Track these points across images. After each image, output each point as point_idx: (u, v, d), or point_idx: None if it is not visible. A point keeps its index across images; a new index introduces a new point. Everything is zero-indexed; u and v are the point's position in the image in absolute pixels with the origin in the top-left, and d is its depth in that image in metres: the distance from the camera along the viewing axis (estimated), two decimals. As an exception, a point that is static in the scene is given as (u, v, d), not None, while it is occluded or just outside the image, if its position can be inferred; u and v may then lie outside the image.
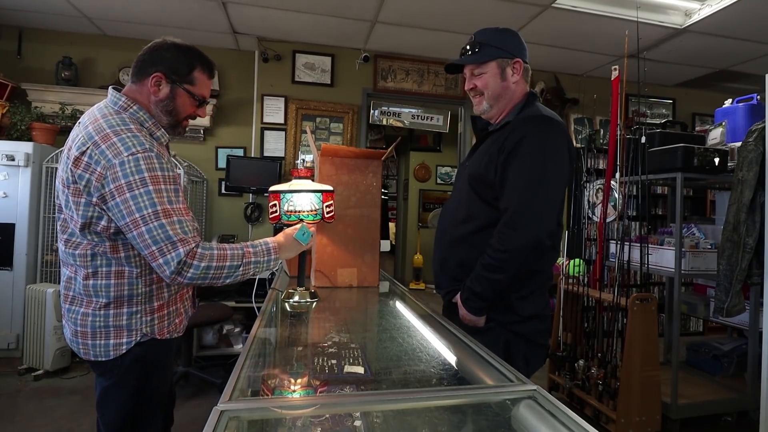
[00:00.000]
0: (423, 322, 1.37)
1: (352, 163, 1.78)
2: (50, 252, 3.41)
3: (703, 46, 3.84)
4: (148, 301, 1.24)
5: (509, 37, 1.47)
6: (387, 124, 4.61)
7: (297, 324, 1.43)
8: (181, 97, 1.25)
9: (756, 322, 2.68)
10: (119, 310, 1.21)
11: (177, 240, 1.09)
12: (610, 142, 2.89)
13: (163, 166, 1.15)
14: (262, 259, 1.22)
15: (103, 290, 1.19)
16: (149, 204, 1.09)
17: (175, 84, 1.24)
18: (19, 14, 3.56)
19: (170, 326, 1.30)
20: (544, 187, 1.30)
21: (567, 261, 3.03)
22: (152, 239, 1.08)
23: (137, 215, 1.08)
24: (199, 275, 1.12)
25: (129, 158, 1.09)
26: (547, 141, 1.32)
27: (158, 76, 1.22)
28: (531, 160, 1.30)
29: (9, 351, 3.26)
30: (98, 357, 1.21)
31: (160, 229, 1.08)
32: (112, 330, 1.20)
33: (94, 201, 1.12)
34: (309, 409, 0.80)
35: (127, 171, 1.09)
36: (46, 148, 3.46)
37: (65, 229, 1.21)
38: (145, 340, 1.23)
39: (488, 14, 3.42)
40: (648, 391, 2.43)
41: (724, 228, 2.41)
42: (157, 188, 1.11)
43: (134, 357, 1.22)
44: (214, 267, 1.13)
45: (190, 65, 1.26)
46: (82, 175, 1.11)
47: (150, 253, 1.09)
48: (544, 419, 0.73)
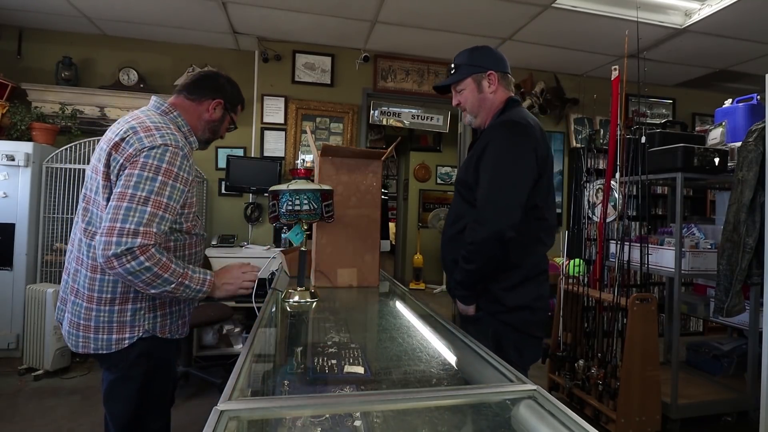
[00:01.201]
0: (423, 322, 1.37)
1: (352, 163, 1.78)
2: (50, 252, 3.41)
3: (703, 46, 3.84)
4: (152, 298, 1.28)
5: (481, 53, 1.60)
6: (387, 124, 4.61)
7: (297, 324, 1.43)
8: (225, 121, 1.51)
9: (756, 322, 2.68)
10: (124, 307, 1.25)
11: (142, 230, 1.13)
12: (610, 142, 2.89)
13: (184, 166, 1.25)
14: (194, 287, 1.25)
15: (109, 285, 1.23)
16: (147, 189, 1.16)
17: (227, 111, 1.49)
18: (19, 14, 3.56)
19: (172, 326, 1.34)
20: (505, 184, 1.42)
21: (567, 261, 3.03)
22: (125, 216, 1.12)
23: (130, 191, 1.15)
24: (136, 271, 1.13)
25: (160, 147, 1.20)
26: (509, 143, 1.45)
27: (220, 103, 1.46)
28: (494, 162, 1.44)
29: (9, 351, 3.26)
30: (100, 350, 1.24)
31: (138, 214, 1.13)
32: (116, 325, 1.24)
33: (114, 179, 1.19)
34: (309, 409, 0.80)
35: (150, 155, 1.18)
36: (46, 148, 3.46)
37: (85, 217, 1.27)
38: (147, 336, 1.27)
39: (488, 14, 3.42)
40: (648, 391, 2.43)
41: (724, 228, 2.41)
42: (164, 180, 1.19)
43: (139, 352, 1.26)
44: (153, 272, 1.15)
45: (239, 100, 1.54)
46: (116, 158, 1.20)
47: (110, 227, 1.11)
48: (544, 419, 0.73)
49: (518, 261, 1.49)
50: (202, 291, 1.28)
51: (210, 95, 1.43)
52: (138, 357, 1.26)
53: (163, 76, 3.97)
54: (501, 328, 1.50)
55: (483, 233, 1.41)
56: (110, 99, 3.74)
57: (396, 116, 4.53)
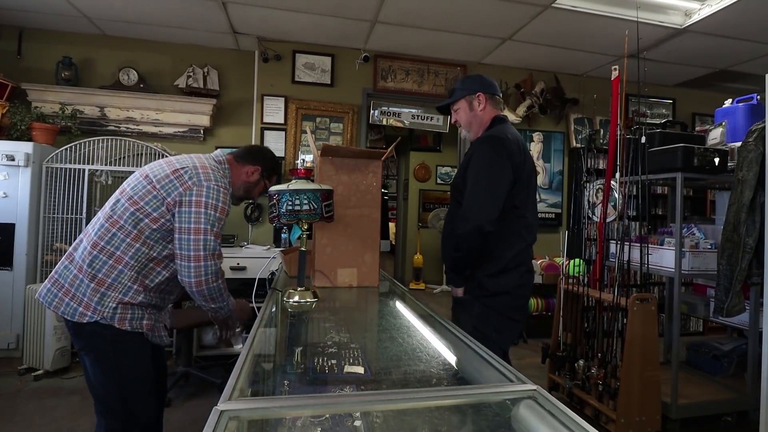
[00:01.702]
0: (423, 322, 1.37)
1: (352, 163, 1.78)
2: (50, 252, 3.41)
3: (703, 46, 3.84)
4: (124, 293, 1.44)
5: (472, 79, 1.91)
6: (387, 124, 4.61)
7: (297, 324, 1.43)
8: (259, 186, 1.74)
9: (756, 322, 2.68)
10: (98, 288, 1.42)
11: (217, 254, 1.47)
12: (610, 142, 2.89)
13: (228, 204, 1.54)
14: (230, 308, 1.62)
15: (98, 264, 1.42)
16: (211, 223, 1.45)
17: (262, 177, 1.73)
18: (19, 14, 3.56)
19: (133, 322, 1.46)
20: (484, 188, 1.70)
21: (567, 261, 3.03)
22: (204, 246, 1.43)
23: (201, 225, 1.43)
24: (213, 290, 1.49)
25: (215, 186, 1.49)
26: (488, 154, 1.73)
27: (258, 170, 1.71)
28: (475, 170, 1.74)
29: (9, 351, 3.26)
30: (65, 314, 1.42)
31: (211, 243, 1.44)
32: (85, 301, 1.42)
33: (169, 200, 1.44)
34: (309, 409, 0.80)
35: (209, 194, 1.46)
36: (46, 148, 3.46)
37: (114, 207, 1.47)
38: (104, 323, 1.42)
39: (488, 14, 3.42)
40: (648, 391, 2.43)
41: (724, 228, 2.40)
42: (220, 217, 1.48)
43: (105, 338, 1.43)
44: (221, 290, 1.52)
45: (276, 172, 1.79)
46: (173, 181, 1.46)
47: (195, 256, 1.42)
48: (544, 419, 0.73)
49: (500, 253, 1.75)
50: (229, 313, 1.64)
51: (252, 162, 1.70)
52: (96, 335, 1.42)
53: (163, 76, 3.97)
54: (484, 310, 1.75)
55: (467, 227, 1.68)
56: (110, 99, 3.74)
57: (396, 116, 4.53)
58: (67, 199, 3.46)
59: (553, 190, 4.74)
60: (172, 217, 1.44)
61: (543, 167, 4.73)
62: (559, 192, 4.75)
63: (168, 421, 1.98)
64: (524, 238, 1.79)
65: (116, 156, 3.61)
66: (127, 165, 3.60)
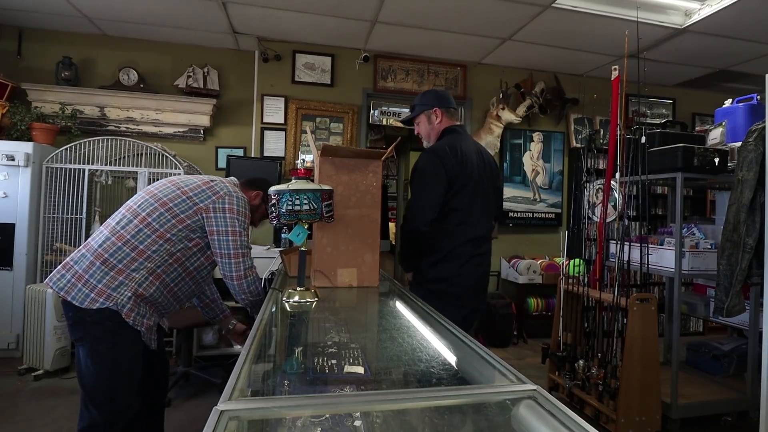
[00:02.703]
0: (423, 322, 1.37)
1: (352, 163, 1.78)
2: (50, 252, 3.41)
3: (703, 46, 3.84)
4: (138, 284, 1.52)
5: (428, 95, 2.14)
6: (387, 124, 4.61)
7: (297, 324, 1.43)
8: (260, 210, 1.86)
9: (756, 322, 2.68)
10: (116, 276, 1.50)
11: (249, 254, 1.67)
12: (610, 142, 2.89)
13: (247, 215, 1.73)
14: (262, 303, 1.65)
15: (120, 255, 1.52)
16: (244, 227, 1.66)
17: (263, 202, 1.85)
18: (19, 14, 3.56)
19: (137, 318, 1.53)
20: (418, 195, 1.97)
21: (567, 261, 3.03)
22: (240, 245, 1.63)
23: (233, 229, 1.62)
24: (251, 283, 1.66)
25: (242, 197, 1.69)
26: (423, 165, 1.99)
27: (260, 194, 1.85)
28: (414, 178, 2.00)
29: (9, 351, 3.26)
30: (74, 300, 1.48)
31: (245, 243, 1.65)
32: (99, 287, 1.49)
33: (201, 206, 1.61)
34: (309, 409, 0.80)
35: (240, 204, 1.66)
36: (46, 148, 3.46)
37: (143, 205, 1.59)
38: (114, 310, 1.48)
39: (488, 14, 3.42)
40: (648, 391, 2.43)
41: (724, 228, 2.40)
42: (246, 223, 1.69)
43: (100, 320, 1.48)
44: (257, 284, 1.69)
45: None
46: (206, 191, 1.64)
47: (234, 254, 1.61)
48: (544, 419, 0.73)
49: (439, 246, 2.01)
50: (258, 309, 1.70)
51: (256, 188, 1.86)
52: (98, 324, 1.49)
53: (163, 76, 3.97)
54: (426, 294, 1.93)
55: (406, 227, 1.99)
56: (110, 99, 3.74)
57: (396, 116, 4.54)
58: (67, 199, 3.46)
59: (553, 190, 4.75)
60: (200, 219, 1.61)
61: (543, 167, 4.73)
62: (559, 192, 4.76)
63: (168, 421, 1.98)
64: (464, 234, 2.02)
65: (116, 156, 3.61)
66: (127, 165, 3.60)
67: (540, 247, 4.69)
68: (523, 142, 4.69)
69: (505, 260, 4.51)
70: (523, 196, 4.64)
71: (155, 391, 1.84)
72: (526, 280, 4.25)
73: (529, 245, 4.68)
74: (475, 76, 4.57)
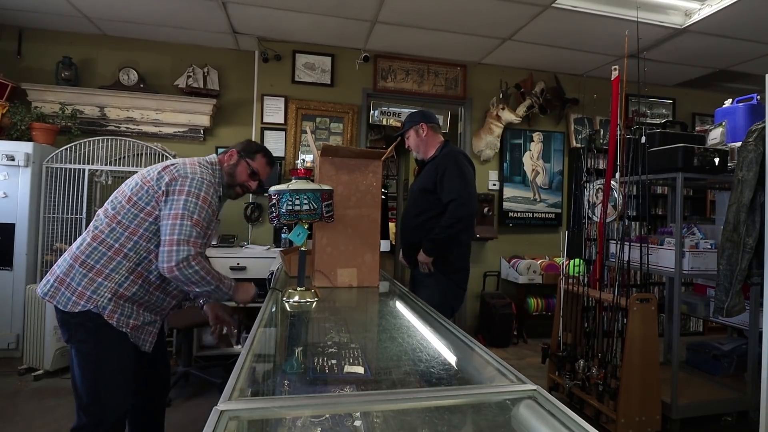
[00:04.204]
0: (423, 322, 1.37)
1: (352, 163, 1.78)
2: (50, 252, 3.41)
3: (703, 46, 3.84)
4: (119, 284, 1.50)
5: (415, 114, 2.55)
6: (387, 124, 4.61)
7: (297, 324, 1.43)
8: (241, 166, 1.74)
9: (756, 322, 2.68)
10: (94, 278, 1.49)
11: (191, 242, 1.48)
12: (610, 142, 2.89)
13: (213, 198, 1.60)
14: (224, 291, 1.59)
15: (96, 255, 1.50)
16: (191, 210, 1.50)
17: (241, 158, 1.74)
18: (19, 14, 3.56)
19: (120, 319, 1.51)
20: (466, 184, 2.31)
21: (567, 261, 3.03)
22: (179, 230, 1.47)
23: (180, 211, 1.49)
24: (190, 274, 1.47)
25: (200, 179, 1.56)
26: (459, 160, 2.37)
27: (233, 152, 1.75)
28: (456, 174, 2.30)
29: (9, 351, 3.26)
30: (58, 304, 1.48)
31: (187, 228, 1.48)
32: (79, 290, 1.48)
33: (159, 193, 1.51)
34: (309, 409, 0.80)
35: (193, 185, 1.54)
36: (46, 148, 3.46)
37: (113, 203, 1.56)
38: (96, 312, 1.47)
39: (488, 14, 3.42)
40: (648, 391, 2.43)
41: (724, 228, 2.40)
42: (202, 206, 1.53)
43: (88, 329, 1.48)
44: (200, 275, 1.50)
45: (255, 149, 1.78)
46: (163, 176, 1.54)
47: (169, 240, 1.45)
48: (544, 419, 0.73)
49: (464, 239, 2.38)
50: (228, 294, 1.61)
51: (229, 149, 1.77)
52: (81, 326, 1.48)
53: (163, 76, 3.97)
54: (450, 284, 2.34)
55: (464, 211, 2.26)
56: (110, 99, 3.74)
57: (396, 116, 4.53)
58: (67, 199, 3.46)
59: (553, 190, 4.75)
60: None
61: (543, 167, 4.73)
62: (559, 192, 4.76)
63: (168, 421, 1.98)
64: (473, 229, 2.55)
65: (116, 156, 3.61)
66: (127, 165, 3.60)
67: (540, 247, 4.68)
68: (523, 142, 4.68)
69: (505, 260, 4.51)
70: (523, 196, 4.64)
71: (155, 392, 1.83)
72: (526, 280, 4.25)
73: (529, 245, 4.68)
74: (475, 76, 4.57)
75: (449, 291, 2.35)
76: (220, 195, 1.68)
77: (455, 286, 2.37)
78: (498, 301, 4.17)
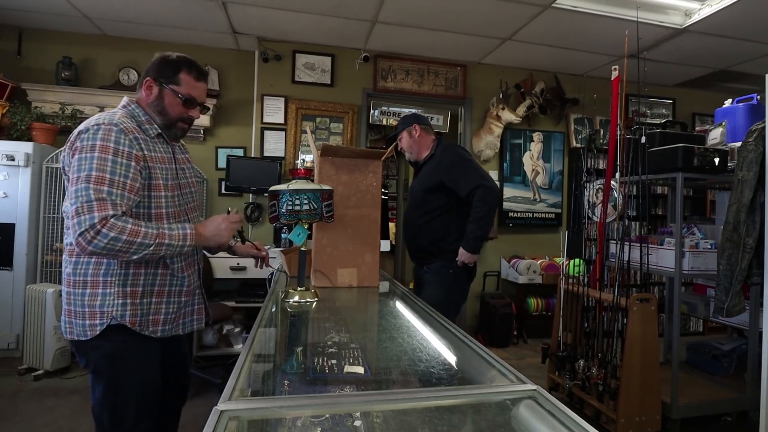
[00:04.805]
0: (423, 322, 1.37)
1: (352, 163, 1.78)
2: (50, 252, 3.41)
3: (703, 46, 3.84)
4: (122, 284, 1.28)
5: (408, 116, 2.63)
6: (387, 124, 4.61)
7: (297, 324, 1.43)
8: (168, 97, 1.37)
9: (756, 322, 2.68)
10: (94, 291, 1.27)
11: (95, 205, 1.15)
12: (610, 142, 2.89)
13: (122, 140, 1.24)
14: (176, 243, 1.27)
15: (81, 268, 1.28)
16: (87, 167, 1.18)
17: (162, 86, 1.37)
18: (19, 14, 3.56)
19: (143, 320, 1.31)
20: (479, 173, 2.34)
21: (567, 261, 3.03)
22: (76, 198, 1.16)
23: (75, 175, 1.19)
24: (106, 244, 1.16)
25: (92, 127, 1.23)
26: (466, 154, 2.48)
27: (149, 81, 1.37)
28: (464, 161, 2.37)
29: (9, 351, 3.26)
30: (77, 336, 1.28)
31: (84, 192, 1.16)
32: (87, 311, 1.27)
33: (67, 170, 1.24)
34: (309, 409, 0.80)
35: (84, 137, 1.22)
36: (46, 148, 3.46)
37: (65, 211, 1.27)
38: (115, 324, 1.27)
39: (488, 14, 3.42)
40: (648, 391, 2.43)
41: (724, 228, 2.40)
42: (102, 156, 1.20)
43: (105, 352, 1.28)
44: (123, 240, 1.17)
45: (175, 69, 1.38)
46: (68, 152, 1.26)
47: (71, 213, 1.16)
48: (544, 419, 0.73)
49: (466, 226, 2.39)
50: (186, 245, 1.29)
51: (142, 80, 1.38)
52: (103, 357, 1.28)
53: (163, 76, 3.97)
54: (462, 274, 2.39)
55: (494, 196, 2.28)
56: (110, 99, 3.74)
57: (396, 116, 4.53)
58: (67, 199, 3.45)
59: (553, 190, 4.75)
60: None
61: (543, 167, 4.73)
62: (559, 192, 4.76)
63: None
64: None
65: (116, 156, 3.61)
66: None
67: (540, 247, 4.68)
68: (523, 142, 4.68)
69: (505, 260, 4.51)
70: (523, 196, 4.64)
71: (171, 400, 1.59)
72: (526, 280, 4.25)
73: (529, 245, 4.68)
74: (475, 76, 4.57)
75: (456, 286, 2.40)
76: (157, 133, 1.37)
77: (463, 280, 2.41)
78: (498, 301, 4.17)
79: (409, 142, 2.53)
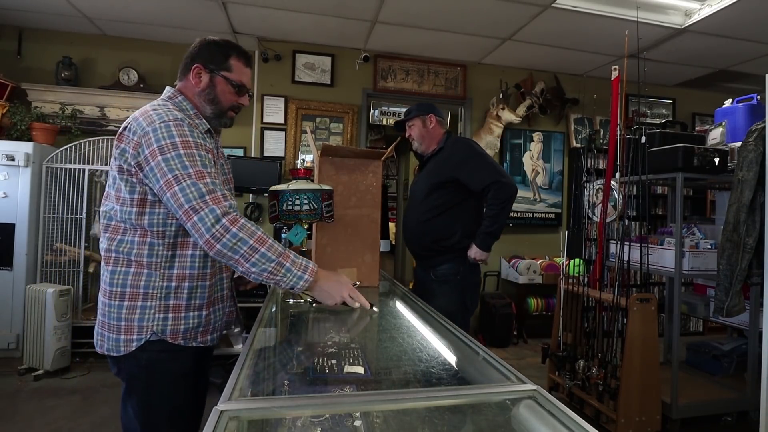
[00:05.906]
0: (423, 322, 1.37)
1: (352, 163, 1.78)
2: (50, 252, 3.41)
3: (703, 46, 3.84)
4: (165, 297, 1.18)
5: (425, 104, 2.43)
6: (387, 124, 4.61)
7: (297, 324, 1.43)
8: (219, 83, 1.31)
9: (756, 322, 2.68)
10: (133, 303, 1.17)
11: (209, 198, 1.08)
12: (610, 142, 2.89)
13: (195, 134, 1.18)
14: (295, 271, 1.15)
15: (119, 278, 1.18)
16: (180, 165, 1.10)
17: (214, 73, 1.30)
18: (19, 14, 3.56)
19: (187, 333, 1.21)
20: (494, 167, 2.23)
21: (567, 261, 3.03)
22: (185, 197, 1.08)
23: (170, 176, 1.10)
24: (233, 245, 1.07)
25: (161, 125, 1.14)
26: (479, 149, 2.32)
27: (198, 68, 1.29)
28: (478, 156, 2.25)
29: (9, 351, 3.26)
30: (110, 351, 1.19)
31: (193, 188, 1.09)
32: (124, 324, 1.17)
33: (132, 170, 1.15)
34: (309, 409, 0.80)
35: (159, 136, 1.13)
36: (46, 148, 3.46)
37: (106, 214, 1.22)
38: (155, 339, 1.17)
39: (488, 14, 3.42)
40: (648, 391, 2.43)
41: (724, 228, 2.40)
42: (189, 152, 1.13)
43: (146, 362, 1.19)
44: (249, 244, 1.08)
45: (225, 54, 1.31)
46: (124, 148, 1.16)
47: (184, 213, 1.08)
48: (544, 419, 0.73)
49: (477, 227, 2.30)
50: (303, 278, 1.15)
51: (189, 66, 1.30)
52: (144, 367, 1.19)
53: (163, 76, 3.97)
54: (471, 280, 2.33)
55: (510, 191, 2.18)
56: (110, 99, 3.74)
57: (396, 116, 4.53)
58: (67, 199, 3.46)
59: (553, 190, 4.75)
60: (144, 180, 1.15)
61: (543, 167, 4.73)
62: (559, 192, 4.76)
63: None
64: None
65: (116, 156, 3.61)
66: (127, 165, 3.60)
67: (540, 247, 4.68)
68: (523, 142, 4.68)
69: (505, 260, 4.51)
70: (523, 196, 4.64)
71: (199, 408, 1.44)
72: (526, 280, 4.25)
73: (529, 245, 4.68)
74: (475, 76, 4.57)
75: (472, 289, 2.32)
76: (206, 129, 1.29)
77: (473, 284, 2.33)
78: (498, 301, 4.17)
79: (422, 131, 2.36)
